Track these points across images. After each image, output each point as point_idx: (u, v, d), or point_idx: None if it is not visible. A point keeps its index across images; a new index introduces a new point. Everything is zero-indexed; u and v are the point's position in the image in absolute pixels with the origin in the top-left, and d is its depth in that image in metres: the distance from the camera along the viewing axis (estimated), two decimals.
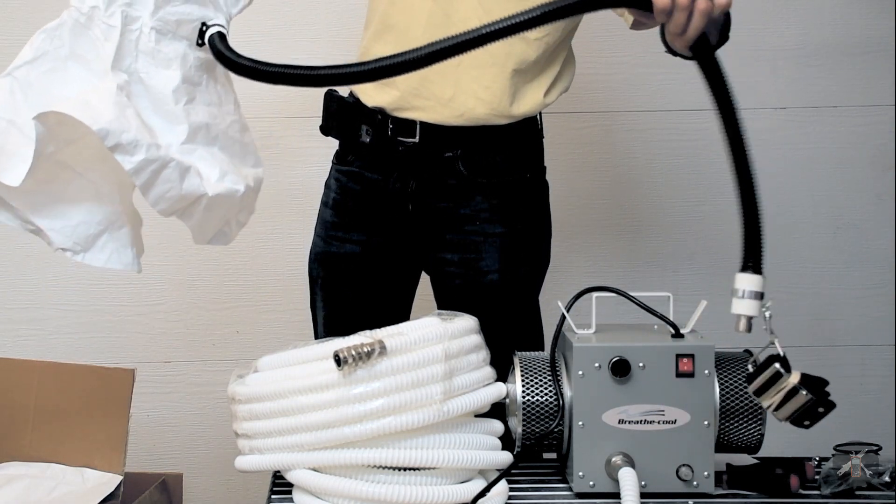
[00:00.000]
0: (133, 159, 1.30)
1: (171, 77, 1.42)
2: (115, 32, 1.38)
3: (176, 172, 1.36)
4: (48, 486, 1.71)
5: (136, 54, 1.39)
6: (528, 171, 1.86)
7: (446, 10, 1.73)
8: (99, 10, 1.38)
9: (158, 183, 1.35)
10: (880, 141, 2.56)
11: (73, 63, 1.37)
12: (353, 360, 1.35)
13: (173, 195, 1.37)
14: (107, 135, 1.28)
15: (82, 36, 1.38)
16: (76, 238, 1.34)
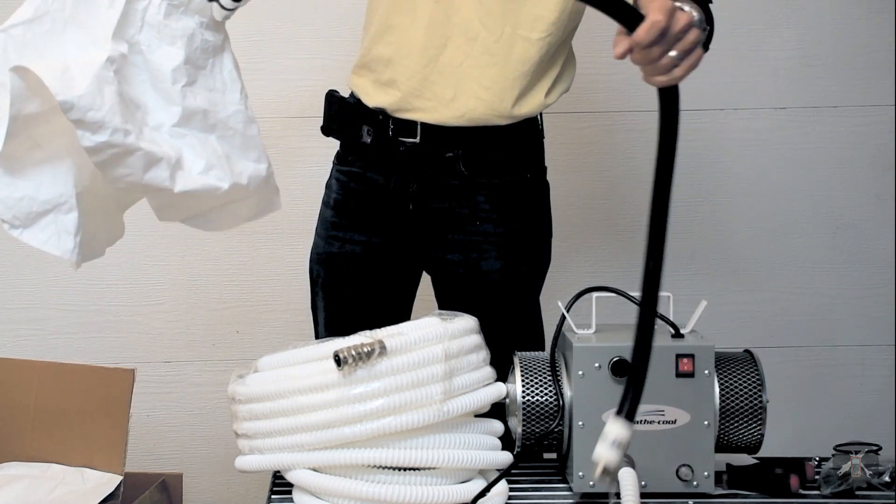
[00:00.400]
0: (93, 138, 1.24)
1: (174, 55, 1.36)
2: (119, 1, 1.33)
3: (140, 161, 1.29)
4: (48, 487, 1.71)
5: (141, 25, 1.33)
6: (528, 171, 1.86)
7: (447, 10, 1.73)
8: None
9: (119, 167, 1.28)
10: (880, 141, 2.56)
11: (72, 27, 1.31)
12: (353, 360, 1.35)
13: (133, 181, 1.30)
14: (70, 108, 1.22)
15: (86, 1, 1.32)
16: (16, 212, 1.27)
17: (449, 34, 1.74)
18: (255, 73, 2.23)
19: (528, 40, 1.73)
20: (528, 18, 1.72)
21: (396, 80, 1.77)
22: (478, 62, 1.73)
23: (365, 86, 1.82)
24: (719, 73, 2.54)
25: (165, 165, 1.33)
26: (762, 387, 1.47)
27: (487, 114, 1.77)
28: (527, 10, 1.72)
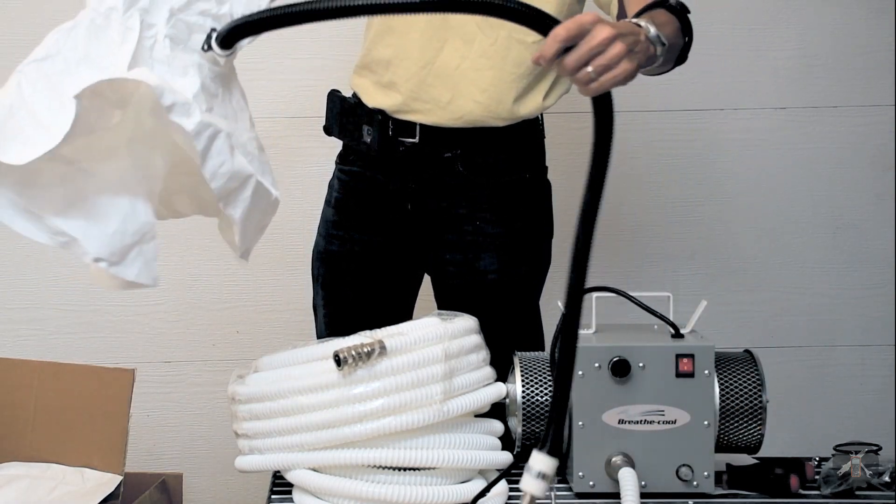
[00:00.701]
0: (191, 121, 1.23)
1: (191, 84, 1.34)
2: (133, 35, 1.32)
3: (226, 145, 1.28)
4: (48, 486, 1.71)
5: (151, 63, 1.33)
6: (527, 172, 1.86)
7: (446, 14, 1.73)
8: (117, 11, 1.33)
9: (213, 153, 1.26)
10: (880, 141, 2.56)
11: (85, 66, 1.31)
12: (353, 360, 1.35)
13: (226, 170, 1.28)
14: (163, 92, 1.21)
15: (98, 38, 1.32)
16: (112, 248, 1.24)
17: (446, 37, 1.74)
18: (255, 73, 2.23)
19: (523, 43, 1.73)
20: None
21: (396, 82, 1.77)
22: (475, 65, 1.74)
23: (366, 86, 1.82)
24: (719, 73, 2.54)
25: (241, 151, 1.32)
26: (762, 387, 1.47)
27: (485, 116, 1.77)
28: None
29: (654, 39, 1.35)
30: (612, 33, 1.23)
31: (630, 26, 1.33)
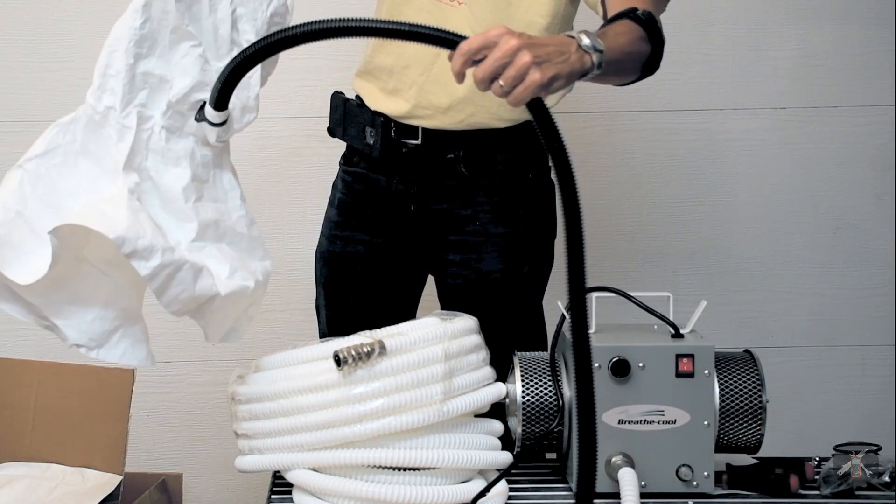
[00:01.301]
0: (149, 265, 1.28)
1: (181, 175, 1.40)
2: (130, 133, 1.37)
3: (189, 274, 1.34)
4: (48, 487, 1.71)
5: (146, 153, 1.38)
6: (530, 172, 1.86)
7: (439, 20, 1.74)
8: (115, 110, 1.38)
9: (172, 285, 1.32)
10: (880, 141, 2.56)
11: (83, 159, 1.36)
12: (353, 360, 1.35)
13: (186, 297, 1.35)
14: (123, 242, 1.26)
15: (95, 134, 1.37)
16: (91, 334, 1.30)
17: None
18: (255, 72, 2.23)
19: None
20: (521, 25, 1.72)
21: (400, 88, 1.78)
22: None
23: (371, 90, 1.83)
24: (719, 73, 2.54)
25: (208, 273, 1.37)
26: (762, 387, 1.47)
27: (486, 119, 1.77)
28: (518, 17, 1.72)
29: (587, 48, 1.36)
30: (517, 44, 1.25)
31: (554, 38, 1.35)
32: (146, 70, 1.40)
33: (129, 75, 1.39)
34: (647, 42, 1.51)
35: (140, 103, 1.39)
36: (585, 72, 1.36)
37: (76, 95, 2.47)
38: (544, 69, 1.27)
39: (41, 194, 1.33)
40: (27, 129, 2.49)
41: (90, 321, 1.29)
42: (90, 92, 1.39)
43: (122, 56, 1.39)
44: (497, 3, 1.72)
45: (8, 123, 2.50)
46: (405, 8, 1.75)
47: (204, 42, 1.44)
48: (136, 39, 1.40)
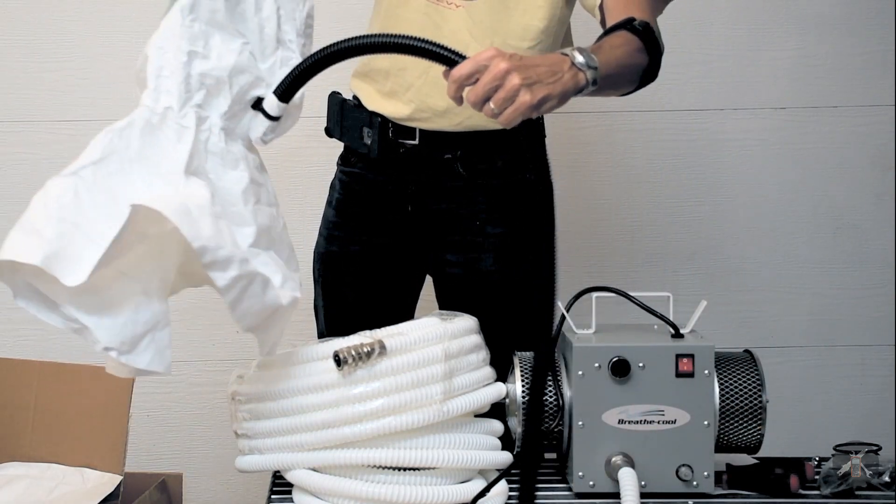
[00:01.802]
0: (226, 276, 1.25)
1: (240, 178, 1.37)
2: (190, 133, 1.33)
3: (259, 286, 1.30)
4: (48, 487, 1.71)
5: (205, 155, 1.35)
6: (529, 172, 1.86)
7: (437, 22, 1.74)
8: (172, 110, 1.34)
9: (245, 298, 1.29)
10: (880, 141, 2.56)
11: (139, 165, 1.31)
12: (352, 360, 1.35)
13: (257, 309, 1.31)
14: (205, 251, 1.23)
15: (152, 136, 1.32)
16: (122, 338, 1.26)
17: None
18: None
19: (518, 49, 1.73)
20: (518, 28, 1.73)
21: (396, 91, 1.78)
22: None
23: (369, 91, 1.83)
24: (719, 73, 2.54)
25: (271, 284, 1.34)
26: (762, 387, 1.47)
27: (484, 120, 1.76)
28: (516, 20, 1.72)
29: (581, 66, 1.37)
30: (507, 67, 1.28)
31: (547, 57, 1.36)
32: (201, 70, 1.36)
33: (184, 75, 1.35)
34: (645, 53, 1.52)
35: (197, 103, 1.35)
36: (580, 90, 1.38)
37: (76, 95, 2.49)
38: (534, 91, 1.30)
39: (98, 203, 1.28)
40: (27, 129, 2.51)
41: (121, 325, 1.25)
42: (146, 95, 1.34)
43: (174, 56, 1.35)
44: (495, 6, 1.72)
45: (8, 123, 2.50)
46: (402, 10, 1.75)
47: (251, 41, 1.41)
48: (187, 38, 1.36)
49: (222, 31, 1.39)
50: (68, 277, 1.23)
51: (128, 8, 2.46)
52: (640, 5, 1.58)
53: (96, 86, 2.49)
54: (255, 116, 1.41)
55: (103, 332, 1.25)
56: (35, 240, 1.23)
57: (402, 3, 1.75)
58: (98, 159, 1.30)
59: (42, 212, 1.26)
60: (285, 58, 1.43)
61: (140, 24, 2.52)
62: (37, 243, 1.23)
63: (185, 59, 1.35)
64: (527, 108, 1.29)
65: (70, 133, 2.50)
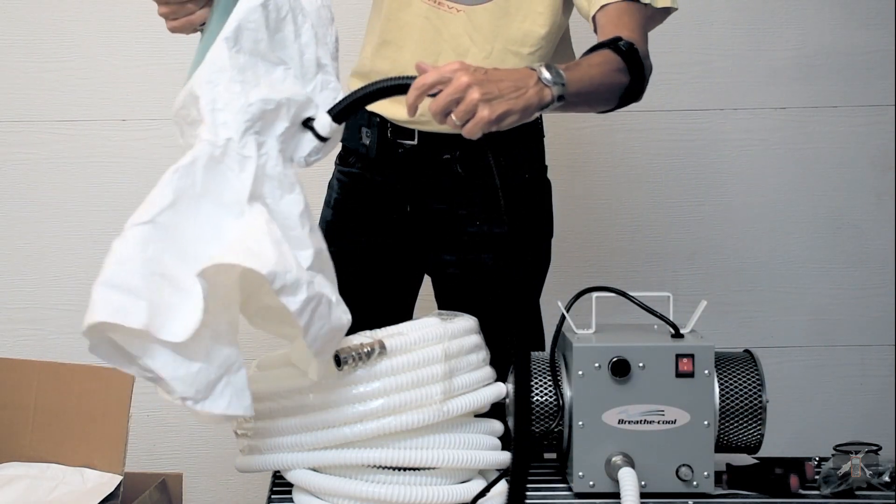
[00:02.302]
0: (297, 299, 1.25)
1: (297, 200, 1.36)
2: (251, 162, 1.32)
3: (326, 307, 1.30)
4: (48, 487, 1.71)
5: (263, 180, 1.34)
6: (527, 172, 1.86)
7: (437, 26, 1.74)
8: (233, 141, 1.32)
9: (315, 320, 1.28)
10: (880, 141, 2.56)
11: (204, 201, 1.30)
12: (353, 360, 1.35)
13: (325, 332, 1.30)
14: (274, 277, 1.23)
15: (215, 171, 1.31)
16: (197, 386, 1.24)
17: (439, 50, 1.75)
18: None
19: (518, 55, 1.73)
20: (519, 34, 1.73)
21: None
22: None
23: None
24: (719, 73, 2.54)
25: (335, 304, 1.34)
26: (762, 387, 1.47)
27: None
28: (517, 26, 1.73)
29: (546, 82, 1.38)
30: (468, 82, 1.30)
31: (513, 72, 1.38)
32: (258, 98, 1.35)
33: (241, 104, 1.34)
34: (626, 73, 1.52)
35: (256, 131, 1.34)
36: (544, 105, 1.39)
37: (76, 95, 2.50)
38: (494, 106, 1.31)
39: (178, 250, 1.27)
40: (27, 129, 2.51)
41: (195, 373, 1.24)
42: (204, 130, 1.33)
43: (226, 88, 1.35)
44: (495, 11, 1.72)
45: (8, 123, 2.50)
46: (403, 13, 1.76)
47: (292, 67, 1.42)
48: (237, 69, 1.36)
49: (265, 61, 1.39)
50: (170, 334, 1.22)
51: (128, 8, 2.46)
52: (629, 25, 1.59)
53: (96, 86, 2.49)
54: (302, 138, 1.41)
55: (179, 383, 1.23)
56: (131, 300, 1.21)
57: (403, 6, 1.75)
58: (171, 202, 1.29)
59: (129, 266, 1.24)
60: (325, 81, 1.43)
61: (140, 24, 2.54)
62: (133, 303, 1.21)
63: (238, 88, 1.35)
64: (486, 123, 1.31)
65: (70, 133, 2.50)
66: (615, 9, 1.62)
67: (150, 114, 2.50)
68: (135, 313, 1.20)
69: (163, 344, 1.23)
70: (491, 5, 1.72)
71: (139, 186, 2.76)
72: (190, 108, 1.37)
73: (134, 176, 2.49)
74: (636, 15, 1.62)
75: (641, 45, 1.58)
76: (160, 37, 2.48)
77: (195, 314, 1.23)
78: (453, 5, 1.73)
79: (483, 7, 1.72)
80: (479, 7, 1.72)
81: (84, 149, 2.51)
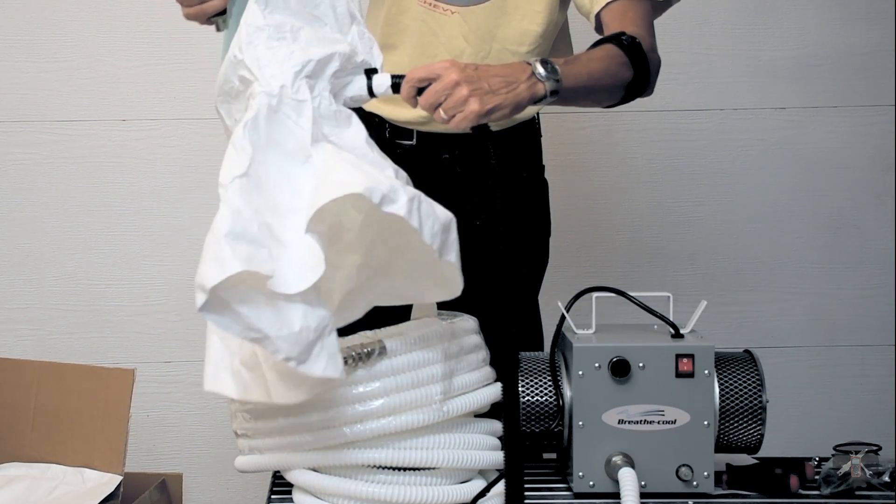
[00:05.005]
0: (400, 203, 1.24)
1: (358, 130, 1.38)
2: (307, 106, 1.34)
3: (429, 205, 1.29)
4: (48, 487, 1.71)
5: (321, 121, 1.36)
6: (525, 171, 1.86)
7: (433, 28, 1.75)
8: (287, 87, 1.34)
9: (425, 219, 1.27)
10: (880, 141, 2.56)
11: (272, 152, 1.32)
12: (353, 361, 1.35)
13: (437, 227, 1.29)
14: (371, 192, 1.23)
15: (275, 120, 1.33)
16: (301, 347, 1.23)
17: (436, 52, 1.75)
18: None
19: (516, 54, 1.74)
20: (516, 33, 1.73)
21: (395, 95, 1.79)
22: None
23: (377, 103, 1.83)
24: (719, 73, 2.54)
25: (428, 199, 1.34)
26: (762, 387, 1.47)
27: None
28: (514, 26, 1.73)
29: (540, 77, 1.40)
30: (457, 79, 1.34)
31: (506, 67, 1.41)
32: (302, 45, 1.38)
33: (286, 53, 1.36)
34: (629, 67, 1.53)
35: (307, 74, 1.35)
36: (537, 100, 1.41)
37: (76, 95, 2.50)
38: (484, 100, 1.35)
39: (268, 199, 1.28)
40: (27, 129, 2.51)
41: (297, 333, 1.23)
42: (257, 87, 1.35)
43: (266, 45, 1.36)
44: (492, 11, 1.72)
45: (8, 123, 2.50)
46: (401, 18, 1.76)
47: (328, 23, 1.43)
48: (274, 27, 1.38)
49: (299, 18, 1.41)
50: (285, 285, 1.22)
51: (128, 8, 2.46)
52: (635, 21, 1.60)
53: (96, 86, 2.49)
54: (353, 81, 1.43)
55: (284, 342, 1.22)
56: (256, 248, 1.21)
57: (401, 11, 1.76)
58: (251, 155, 1.29)
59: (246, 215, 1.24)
60: (360, 31, 1.45)
61: (140, 24, 2.54)
62: (258, 251, 1.21)
63: (277, 44, 1.36)
64: (475, 116, 1.34)
65: (70, 133, 2.50)
66: (619, 6, 1.63)
67: (150, 114, 2.50)
68: (264, 261, 1.21)
69: (269, 303, 1.22)
70: (487, 5, 1.72)
71: (139, 186, 2.78)
72: (231, 78, 1.38)
73: (134, 176, 2.50)
74: (640, 10, 1.63)
75: (647, 39, 1.58)
76: (160, 37, 2.51)
77: (313, 267, 1.23)
78: (448, 7, 1.73)
79: (479, 7, 1.72)
80: (476, 7, 1.73)
81: (84, 149, 2.51)
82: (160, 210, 2.50)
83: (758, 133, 2.56)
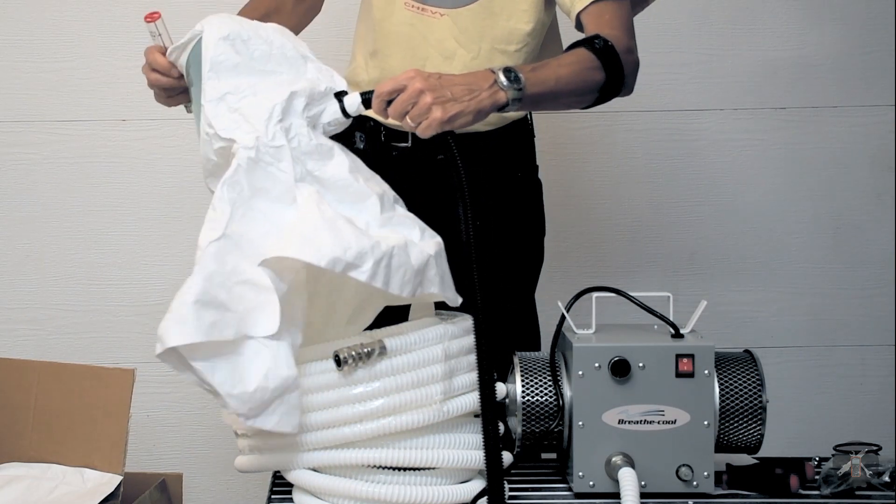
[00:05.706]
0: (364, 269, 1.30)
1: (341, 161, 1.43)
2: (285, 150, 1.38)
3: (402, 254, 1.35)
4: (48, 487, 1.71)
5: (303, 159, 1.40)
6: (519, 171, 1.87)
7: (423, 31, 1.75)
8: (262, 137, 1.38)
9: (393, 274, 1.33)
10: (880, 141, 2.56)
11: (257, 201, 1.36)
12: (353, 360, 1.35)
13: (410, 275, 1.35)
14: (335, 263, 1.28)
15: (256, 170, 1.37)
16: (251, 404, 1.29)
17: (426, 55, 1.76)
18: None
19: (505, 53, 1.75)
20: (504, 32, 1.74)
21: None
22: None
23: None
24: (719, 73, 2.54)
25: (413, 242, 1.40)
26: (762, 387, 1.47)
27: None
28: (502, 25, 1.74)
29: (501, 85, 1.45)
30: (420, 88, 1.40)
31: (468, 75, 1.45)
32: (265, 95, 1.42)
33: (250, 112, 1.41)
34: (601, 70, 1.56)
35: (278, 118, 1.40)
36: (500, 107, 1.45)
37: (76, 95, 2.50)
38: (447, 108, 1.40)
39: (248, 253, 1.33)
40: (27, 129, 2.51)
41: (252, 392, 1.28)
42: (235, 147, 1.39)
43: (229, 111, 1.42)
44: (480, 12, 1.73)
45: (8, 123, 2.50)
46: (389, 23, 1.77)
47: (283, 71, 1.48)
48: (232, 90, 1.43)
49: (252, 76, 1.46)
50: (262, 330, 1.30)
51: (128, 8, 2.46)
52: (611, 23, 1.63)
53: (96, 86, 2.49)
54: (326, 108, 1.47)
55: (234, 400, 1.28)
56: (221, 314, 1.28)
57: (388, 15, 1.77)
58: (231, 213, 1.34)
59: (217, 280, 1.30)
60: (317, 67, 1.50)
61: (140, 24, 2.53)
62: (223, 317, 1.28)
63: (240, 103, 1.42)
64: (438, 124, 1.40)
65: (70, 133, 2.50)
66: (596, 8, 1.65)
67: (150, 114, 2.49)
68: (227, 327, 1.27)
69: (228, 359, 1.28)
70: (475, 6, 1.73)
71: (139, 186, 2.78)
72: (210, 156, 1.44)
73: (134, 176, 2.49)
74: (617, 11, 1.65)
75: (623, 40, 1.60)
76: None
77: (273, 304, 1.29)
78: (437, 10, 1.74)
79: (467, 9, 1.73)
80: (464, 9, 1.74)
81: (84, 149, 2.51)
82: (160, 210, 2.50)
83: (758, 133, 2.56)
